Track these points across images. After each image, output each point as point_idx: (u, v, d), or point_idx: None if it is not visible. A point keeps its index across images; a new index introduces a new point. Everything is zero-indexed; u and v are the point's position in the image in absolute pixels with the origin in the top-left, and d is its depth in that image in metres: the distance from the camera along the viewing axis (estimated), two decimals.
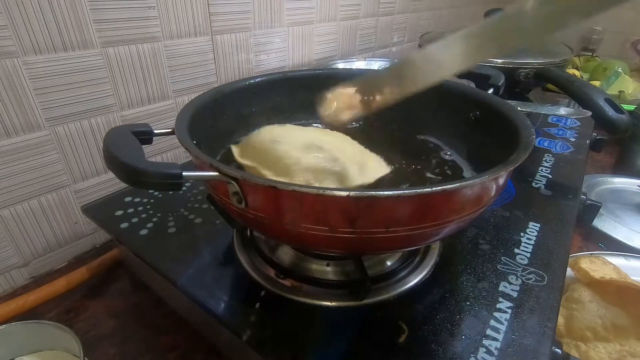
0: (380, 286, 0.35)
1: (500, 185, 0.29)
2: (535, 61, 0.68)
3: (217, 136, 0.41)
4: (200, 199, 0.48)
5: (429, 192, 0.23)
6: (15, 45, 0.39)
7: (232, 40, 0.61)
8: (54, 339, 0.35)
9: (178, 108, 0.57)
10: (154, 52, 0.51)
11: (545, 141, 0.66)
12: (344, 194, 0.23)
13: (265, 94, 0.47)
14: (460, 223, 0.28)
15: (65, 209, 0.49)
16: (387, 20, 0.99)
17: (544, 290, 0.35)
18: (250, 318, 0.32)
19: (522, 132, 0.32)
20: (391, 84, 0.31)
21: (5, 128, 0.41)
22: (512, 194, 0.50)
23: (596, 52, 1.27)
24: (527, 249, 0.40)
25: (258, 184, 0.25)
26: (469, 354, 0.29)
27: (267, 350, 0.30)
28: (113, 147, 0.25)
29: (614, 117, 0.52)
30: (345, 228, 0.25)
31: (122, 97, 0.50)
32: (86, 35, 0.44)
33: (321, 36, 0.80)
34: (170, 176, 0.24)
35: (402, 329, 0.31)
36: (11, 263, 0.46)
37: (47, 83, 0.43)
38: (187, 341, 0.39)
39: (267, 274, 0.37)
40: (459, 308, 0.33)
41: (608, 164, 0.81)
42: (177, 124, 0.32)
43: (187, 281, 0.36)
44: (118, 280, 0.47)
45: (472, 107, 0.42)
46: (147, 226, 0.43)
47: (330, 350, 0.30)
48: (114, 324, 0.41)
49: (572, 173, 0.57)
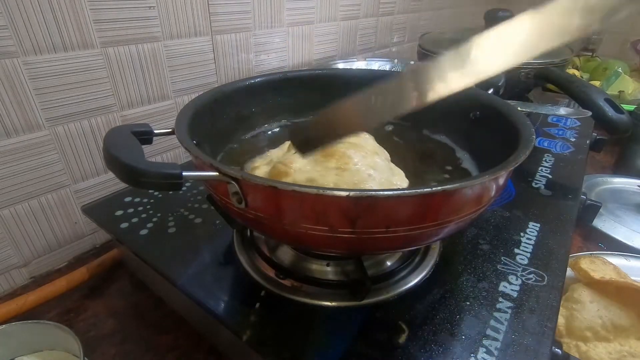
0: (380, 286, 0.35)
1: (500, 185, 0.29)
2: (535, 61, 0.68)
3: (217, 136, 0.41)
4: (200, 199, 0.48)
5: (429, 192, 0.23)
6: (15, 45, 0.39)
7: (232, 40, 0.61)
8: (54, 339, 0.35)
9: (178, 108, 0.57)
10: (154, 52, 0.51)
11: (545, 141, 0.66)
12: (344, 194, 0.23)
13: (265, 94, 0.47)
14: (460, 223, 0.28)
15: (65, 209, 0.49)
16: (387, 20, 0.99)
17: (544, 290, 0.35)
18: (250, 318, 0.32)
19: (522, 132, 0.32)
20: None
21: (5, 128, 0.41)
22: (512, 194, 0.50)
23: (596, 52, 1.27)
24: (527, 249, 0.40)
25: (258, 184, 0.25)
26: (469, 354, 0.29)
27: (267, 350, 0.30)
28: (113, 147, 0.25)
29: (614, 117, 0.52)
30: (345, 228, 0.25)
31: (122, 97, 0.50)
32: (86, 35, 0.44)
33: (321, 36, 0.80)
34: (170, 176, 0.24)
35: (402, 329, 0.31)
36: (11, 263, 0.46)
37: (47, 83, 0.43)
38: (187, 341, 0.39)
39: (267, 274, 0.37)
40: (459, 308, 0.33)
41: (608, 164, 0.81)
42: (177, 124, 0.32)
43: (187, 281, 0.36)
44: (118, 280, 0.47)
45: (472, 107, 0.42)
46: (147, 226, 0.43)
47: (330, 350, 0.30)
48: (114, 324, 0.41)
49: (572, 173, 0.57)
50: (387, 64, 0.85)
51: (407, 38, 1.12)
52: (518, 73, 0.68)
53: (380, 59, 0.88)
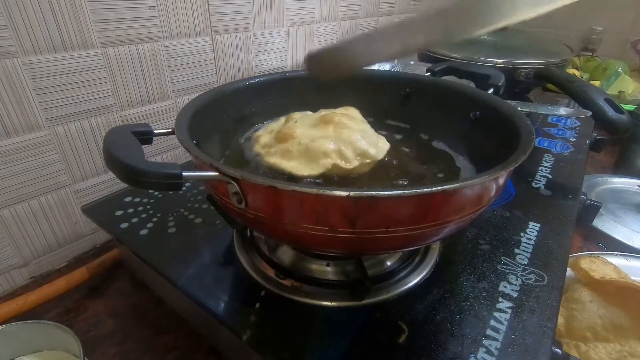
0: (380, 286, 0.35)
1: (500, 185, 0.29)
2: (535, 61, 0.68)
3: (217, 136, 0.41)
4: (200, 199, 0.48)
5: (429, 192, 0.23)
6: (15, 45, 0.39)
7: (232, 40, 0.61)
8: (54, 339, 0.35)
9: (178, 108, 0.57)
10: (154, 52, 0.51)
11: (545, 141, 0.66)
12: (344, 194, 0.23)
13: (265, 94, 0.47)
14: (460, 223, 0.28)
15: (65, 209, 0.49)
16: (387, 20, 0.99)
17: (544, 290, 0.35)
18: (250, 318, 0.32)
19: (522, 132, 0.32)
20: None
21: (5, 128, 0.41)
22: (512, 194, 0.50)
23: (596, 52, 1.26)
24: (527, 249, 0.40)
25: (258, 184, 0.25)
26: (469, 354, 0.29)
27: (267, 350, 0.30)
28: (113, 147, 0.25)
29: (614, 117, 0.52)
30: (345, 228, 0.25)
31: (122, 97, 0.50)
32: (86, 35, 0.44)
33: (321, 36, 0.80)
34: (170, 176, 0.24)
35: (402, 329, 0.31)
36: (11, 263, 0.46)
37: (47, 83, 0.43)
38: (187, 341, 0.39)
39: (267, 274, 0.37)
40: (459, 308, 0.33)
41: (608, 164, 0.81)
42: (177, 124, 0.32)
43: (187, 281, 0.36)
44: (118, 280, 0.47)
45: (472, 107, 0.42)
46: (147, 226, 0.43)
47: (330, 350, 0.30)
48: (114, 324, 0.41)
49: (572, 173, 0.57)
50: (387, 63, 0.85)
51: None
52: (518, 73, 0.68)
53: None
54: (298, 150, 0.36)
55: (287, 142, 0.37)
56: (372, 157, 0.37)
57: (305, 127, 0.38)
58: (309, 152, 0.36)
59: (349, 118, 0.39)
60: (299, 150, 0.36)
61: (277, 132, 0.39)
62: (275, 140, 0.38)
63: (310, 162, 0.36)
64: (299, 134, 0.37)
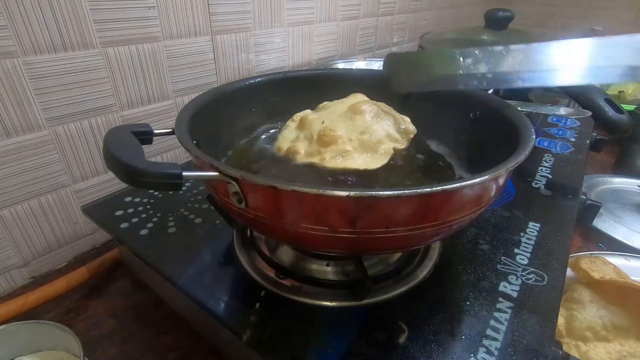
0: (380, 286, 0.35)
1: (500, 185, 0.29)
2: None
3: (217, 136, 0.41)
4: (200, 199, 0.48)
5: (429, 192, 0.23)
6: (15, 45, 0.39)
7: (232, 40, 0.61)
8: (54, 339, 0.35)
9: (178, 108, 0.57)
10: (154, 52, 0.51)
11: (545, 141, 0.66)
12: (344, 194, 0.23)
13: (265, 94, 0.47)
14: (460, 223, 0.28)
15: (65, 209, 0.49)
16: (387, 20, 0.99)
17: (544, 290, 0.35)
18: (250, 318, 0.32)
19: (522, 132, 0.32)
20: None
21: (5, 128, 0.41)
22: (512, 194, 0.50)
23: None
24: (527, 249, 0.40)
25: (258, 184, 0.25)
26: (469, 354, 0.29)
27: (267, 350, 0.30)
28: (113, 147, 0.25)
29: (614, 117, 0.52)
30: (345, 228, 0.25)
31: (122, 97, 0.50)
32: (86, 35, 0.44)
33: (321, 36, 0.80)
34: (170, 176, 0.24)
35: (402, 329, 0.31)
36: (11, 263, 0.46)
37: (47, 83, 0.43)
38: (187, 341, 0.39)
39: (267, 274, 0.37)
40: (459, 308, 0.33)
41: (608, 164, 0.81)
42: (177, 124, 0.32)
43: (187, 281, 0.36)
44: (118, 280, 0.47)
45: (472, 107, 0.42)
46: (147, 226, 0.43)
47: (330, 350, 0.30)
48: (114, 324, 0.41)
49: (572, 173, 0.57)
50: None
51: (407, 38, 1.12)
52: None
53: (380, 59, 0.88)
54: (354, 147, 0.37)
55: (336, 144, 0.37)
56: (412, 132, 0.39)
57: (339, 123, 0.38)
58: (366, 145, 0.37)
59: (372, 103, 0.40)
60: (355, 147, 0.37)
61: (317, 138, 0.38)
62: (320, 145, 0.38)
63: (373, 154, 0.37)
64: (341, 133, 0.37)
